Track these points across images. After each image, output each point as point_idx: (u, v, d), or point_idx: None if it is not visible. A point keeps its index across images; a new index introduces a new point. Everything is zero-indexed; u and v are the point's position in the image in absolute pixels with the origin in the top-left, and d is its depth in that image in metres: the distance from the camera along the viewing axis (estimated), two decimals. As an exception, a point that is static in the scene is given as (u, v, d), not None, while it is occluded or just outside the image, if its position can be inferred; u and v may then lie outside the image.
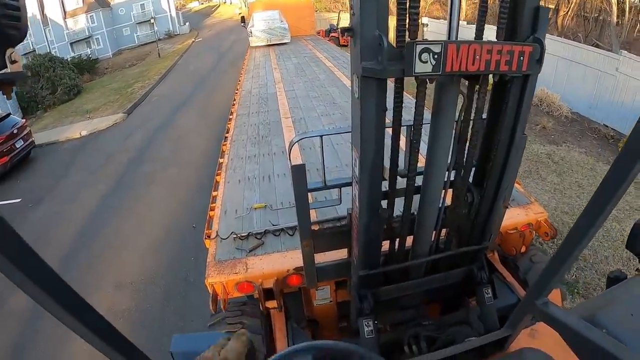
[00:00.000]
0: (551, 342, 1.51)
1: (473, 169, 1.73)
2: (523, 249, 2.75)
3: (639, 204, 5.81)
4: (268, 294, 2.36)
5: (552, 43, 9.63)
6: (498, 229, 1.98)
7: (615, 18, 14.04)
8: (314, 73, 8.18)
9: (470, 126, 1.58)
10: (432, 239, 1.89)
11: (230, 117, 5.65)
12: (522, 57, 1.27)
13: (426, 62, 1.22)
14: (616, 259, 4.64)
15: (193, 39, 29.82)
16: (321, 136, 1.91)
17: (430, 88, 1.41)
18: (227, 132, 5.00)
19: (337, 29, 20.00)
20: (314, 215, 2.37)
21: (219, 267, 2.40)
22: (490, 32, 1.28)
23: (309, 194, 1.79)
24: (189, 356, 1.08)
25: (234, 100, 6.67)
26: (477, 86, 1.45)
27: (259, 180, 3.51)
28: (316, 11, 18.24)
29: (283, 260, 2.43)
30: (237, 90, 7.38)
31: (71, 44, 26.98)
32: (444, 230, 1.95)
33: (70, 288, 0.55)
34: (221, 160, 4.12)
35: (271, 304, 2.42)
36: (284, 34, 13.03)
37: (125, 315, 4.59)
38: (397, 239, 1.87)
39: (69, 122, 13.62)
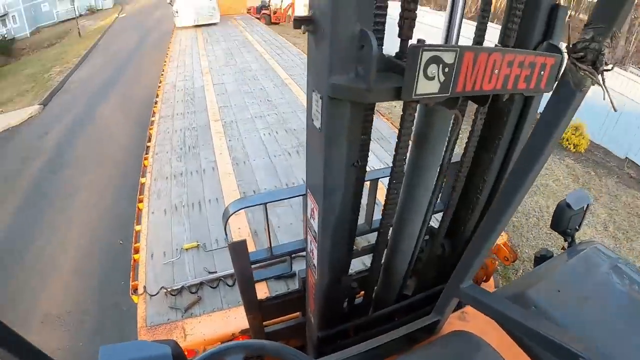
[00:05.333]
0: (481, 323, 1.49)
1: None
2: (485, 280, 2.54)
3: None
4: None
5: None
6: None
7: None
8: (246, 61, 7.57)
9: (464, 156, 1.28)
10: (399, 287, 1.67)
11: (153, 119, 5.01)
12: (542, 72, 0.93)
13: (433, 78, 0.80)
14: (553, 248, 4.88)
15: (117, 15, 27.00)
16: (265, 204, 1.54)
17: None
18: (149, 141, 4.36)
19: (269, 6, 19.04)
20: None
21: (152, 335, 2.09)
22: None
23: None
24: None
25: (157, 96, 5.95)
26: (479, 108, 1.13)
27: (188, 208, 3.11)
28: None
29: (226, 321, 2.17)
30: (160, 83, 6.60)
31: (-16, 23, 23.26)
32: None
33: None
34: (143, 180, 3.59)
35: None
36: (213, 14, 11.86)
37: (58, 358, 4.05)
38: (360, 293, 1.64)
39: (-21, 119, 11.80)
